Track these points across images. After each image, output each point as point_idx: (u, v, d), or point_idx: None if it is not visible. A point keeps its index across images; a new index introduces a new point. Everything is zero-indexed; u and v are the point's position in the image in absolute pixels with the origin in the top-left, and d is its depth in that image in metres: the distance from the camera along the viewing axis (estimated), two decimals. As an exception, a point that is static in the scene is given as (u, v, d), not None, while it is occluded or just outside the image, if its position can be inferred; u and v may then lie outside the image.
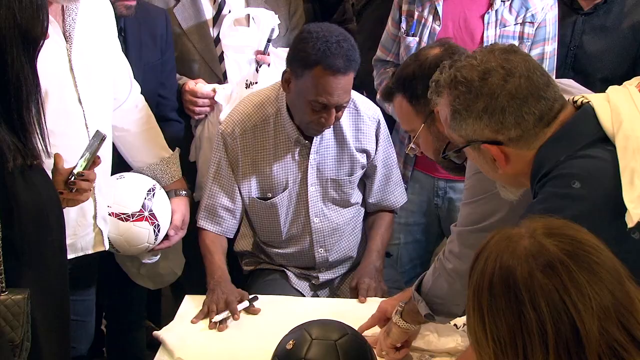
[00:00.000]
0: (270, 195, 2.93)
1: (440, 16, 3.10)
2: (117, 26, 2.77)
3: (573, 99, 1.84)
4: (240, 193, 2.94)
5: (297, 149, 2.89)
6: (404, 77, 2.39)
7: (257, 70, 3.15)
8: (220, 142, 2.89)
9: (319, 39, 2.63)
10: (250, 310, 2.69)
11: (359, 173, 2.98)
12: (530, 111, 1.76)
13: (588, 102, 1.78)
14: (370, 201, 3.07)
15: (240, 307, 2.66)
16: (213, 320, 2.62)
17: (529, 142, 1.79)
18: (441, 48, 2.41)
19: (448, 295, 2.22)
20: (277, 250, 3.05)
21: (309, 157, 2.89)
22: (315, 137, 2.86)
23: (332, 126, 2.83)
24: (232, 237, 3.04)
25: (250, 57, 3.16)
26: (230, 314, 2.63)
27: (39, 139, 2.01)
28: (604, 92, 1.83)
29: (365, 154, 2.97)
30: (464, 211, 2.29)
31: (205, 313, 2.65)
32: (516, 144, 1.79)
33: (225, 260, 2.92)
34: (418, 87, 2.30)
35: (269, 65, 3.16)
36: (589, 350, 1.31)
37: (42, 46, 1.96)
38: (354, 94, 2.92)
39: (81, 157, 2.28)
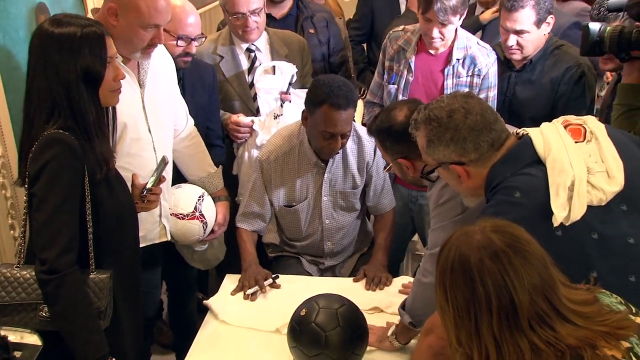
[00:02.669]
0: (294, 203, 2.92)
1: (413, 70, 3.10)
2: (177, 76, 2.77)
3: (516, 131, 1.85)
4: (272, 202, 2.94)
5: (315, 170, 2.87)
6: (378, 129, 2.36)
7: (281, 106, 3.15)
8: (257, 166, 2.89)
9: (325, 85, 2.64)
10: (274, 286, 2.70)
11: (361, 187, 2.96)
12: (485, 140, 1.79)
13: (527, 134, 1.80)
14: (369, 204, 3.04)
15: (265, 283, 2.67)
16: (246, 293, 2.63)
17: (484, 162, 1.80)
18: (407, 111, 2.28)
19: (425, 306, 2.15)
20: (296, 242, 3.03)
21: (323, 175, 2.87)
22: (329, 160, 2.85)
23: (340, 152, 2.83)
24: (262, 235, 3.04)
25: (277, 96, 3.17)
26: (258, 288, 2.64)
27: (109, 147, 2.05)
28: (532, 127, 1.84)
29: (365, 172, 2.94)
30: (433, 236, 2.27)
31: (241, 288, 2.67)
32: (475, 164, 1.81)
33: (255, 249, 2.92)
34: (386, 142, 2.31)
35: (290, 101, 3.16)
36: (521, 316, 1.32)
37: (104, 76, 1.95)
38: (356, 125, 2.91)
39: (151, 177, 2.29)
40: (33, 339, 1.51)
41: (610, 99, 2.67)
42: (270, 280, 2.70)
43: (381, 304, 2.56)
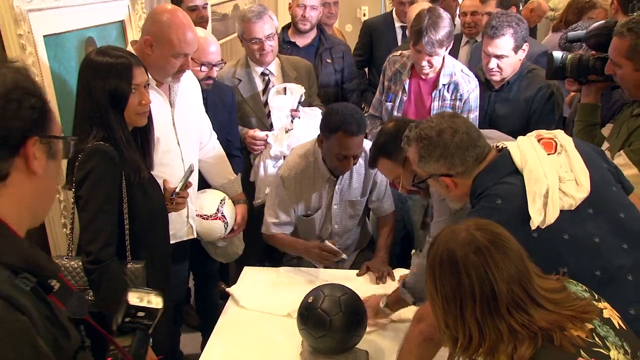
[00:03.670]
0: (310, 213, 2.88)
1: (407, 91, 3.11)
2: (202, 96, 2.79)
3: (496, 145, 1.85)
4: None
5: (328, 184, 2.84)
6: (379, 146, 2.38)
7: (292, 121, 3.16)
8: (280, 182, 2.83)
9: (340, 114, 2.61)
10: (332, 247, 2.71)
11: (366, 197, 2.93)
12: (470, 155, 1.78)
13: (506, 147, 1.80)
14: (372, 206, 3.02)
15: (328, 242, 2.71)
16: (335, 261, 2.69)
17: (469, 174, 1.80)
18: (394, 122, 2.40)
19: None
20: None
21: (335, 187, 2.84)
22: (340, 175, 2.83)
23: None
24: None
25: (287, 113, 3.17)
26: (340, 253, 2.69)
27: (143, 160, 2.06)
28: (510, 141, 1.85)
29: (371, 181, 2.91)
30: (434, 227, 2.29)
31: (321, 262, 2.69)
32: (461, 176, 1.81)
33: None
34: (389, 148, 2.32)
35: (299, 117, 3.17)
36: (500, 302, 1.32)
37: (129, 96, 1.96)
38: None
39: (179, 182, 2.31)
40: (157, 301, 1.53)
41: (574, 115, 2.69)
42: (327, 242, 2.69)
43: (378, 292, 2.53)
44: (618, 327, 1.40)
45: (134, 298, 1.49)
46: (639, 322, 1.56)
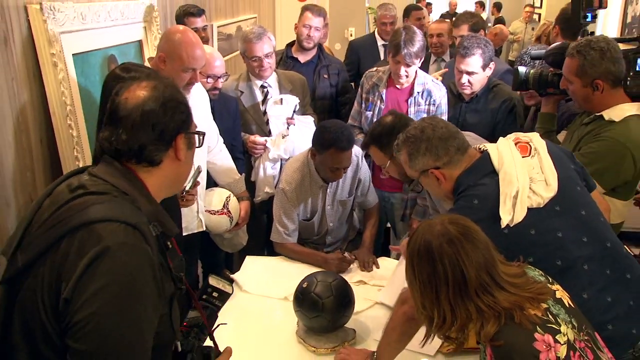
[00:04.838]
0: (309, 217, 2.88)
1: (384, 100, 3.14)
2: (210, 105, 2.80)
3: (478, 146, 1.86)
4: None
5: (321, 189, 2.84)
6: (375, 135, 2.41)
7: (287, 128, 3.17)
8: (282, 195, 2.79)
9: (331, 131, 2.61)
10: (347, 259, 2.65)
11: (353, 195, 2.94)
12: (452, 145, 1.79)
13: (486, 149, 1.81)
14: (357, 202, 3.02)
15: (346, 254, 2.67)
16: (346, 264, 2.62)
17: (454, 165, 1.79)
18: (392, 117, 2.44)
19: None
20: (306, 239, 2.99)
21: (327, 191, 2.84)
22: (332, 182, 2.83)
23: None
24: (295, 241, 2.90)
25: (284, 121, 3.18)
26: (352, 261, 2.64)
27: None
28: (491, 143, 1.86)
29: (356, 179, 2.91)
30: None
31: (344, 268, 2.60)
32: (447, 166, 1.79)
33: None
34: (383, 141, 2.35)
35: (294, 124, 3.18)
36: (470, 286, 1.35)
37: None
38: None
39: (188, 181, 2.32)
40: (228, 287, 1.60)
41: (532, 123, 2.73)
42: (346, 255, 2.66)
43: (364, 277, 2.58)
44: (567, 306, 1.44)
45: (213, 281, 1.58)
46: (591, 304, 1.61)
